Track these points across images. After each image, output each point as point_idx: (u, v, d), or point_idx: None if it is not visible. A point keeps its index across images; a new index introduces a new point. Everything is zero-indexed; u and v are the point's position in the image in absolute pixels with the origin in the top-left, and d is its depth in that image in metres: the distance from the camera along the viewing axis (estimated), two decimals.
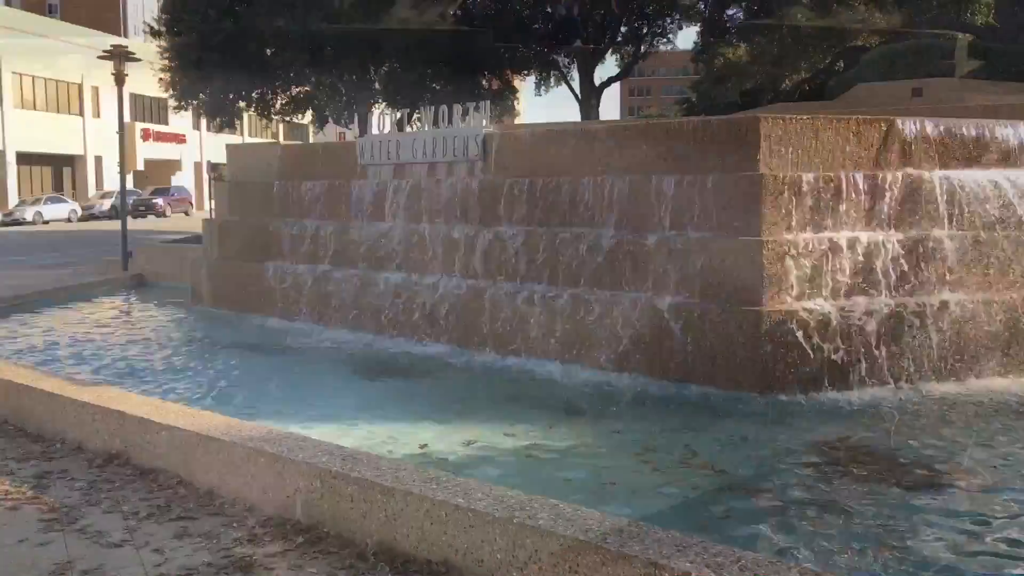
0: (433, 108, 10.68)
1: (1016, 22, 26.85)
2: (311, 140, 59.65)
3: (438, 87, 37.24)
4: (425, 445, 6.28)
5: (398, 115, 11.71)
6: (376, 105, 35.70)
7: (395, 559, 3.70)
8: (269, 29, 30.62)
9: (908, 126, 8.06)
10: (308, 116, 41.30)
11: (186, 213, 49.66)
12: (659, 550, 3.03)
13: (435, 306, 9.82)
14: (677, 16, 36.67)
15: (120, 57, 18.23)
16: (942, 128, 8.18)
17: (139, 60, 19.53)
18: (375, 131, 11.25)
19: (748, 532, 4.66)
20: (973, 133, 8.29)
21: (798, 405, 7.23)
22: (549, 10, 35.47)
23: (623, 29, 37.77)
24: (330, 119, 40.03)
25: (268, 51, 33.88)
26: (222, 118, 36.21)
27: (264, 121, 43.08)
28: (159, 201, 50.43)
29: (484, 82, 38.21)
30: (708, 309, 7.63)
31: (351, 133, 42.74)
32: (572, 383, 8.16)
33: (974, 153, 8.30)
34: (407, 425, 6.85)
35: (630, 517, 3.49)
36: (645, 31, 37.88)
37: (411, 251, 10.28)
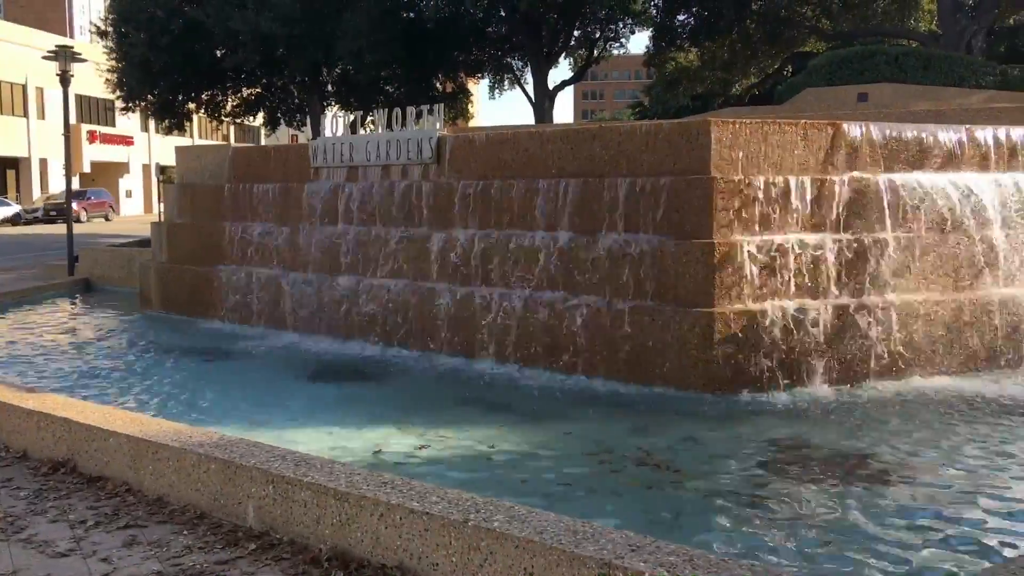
0: (387, 110, 10.63)
1: (957, 29, 27.53)
2: (263, 142, 59.03)
3: (392, 89, 37.10)
4: (379, 450, 6.25)
5: (351, 117, 11.63)
6: (329, 107, 35.46)
7: (349, 564, 3.68)
8: (219, 30, 30.23)
9: (854, 130, 8.23)
10: (260, 118, 40.84)
11: (106, 218, 47.79)
12: (613, 550, 3.06)
13: (389, 309, 9.78)
14: (629, 21, 36.97)
15: (65, 57, 17.86)
16: (887, 132, 8.36)
17: (85, 61, 19.14)
18: (328, 133, 11.14)
19: (702, 531, 4.72)
20: (917, 137, 8.49)
21: (749, 404, 7.33)
22: (503, 13, 35.53)
23: (576, 33, 37.99)
24: (282, 121, 39.65)
25: (218, 52, 33.46)
26: (171, 120, 35.66)
27: (214, 123, 42.51)
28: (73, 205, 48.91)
29: (438, 85, 38.16)
30: (660, 310, 7.71)
31: (304, 135, 42.37)
32: (526, 385, 8.18)
33: (918, 157, 8.50)
34: (361, 429, 6.81)
35: (585, 518, 3.50)
36: (598, 35, 38.13)
37: (365, 254, 10.22)
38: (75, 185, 45.90)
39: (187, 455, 4.44)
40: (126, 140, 60.34)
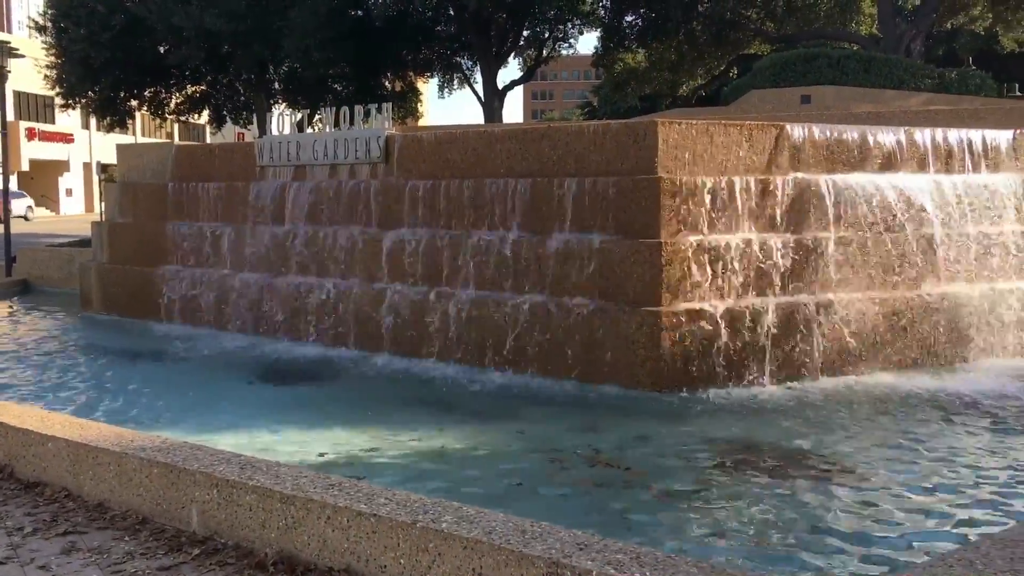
0: (334, 109, 10.54)
1: (897, 33, 28.17)
2: (208, 140, 58.11)
3: (340, 88, 36.80)
4: (327, 452, 6.19)
5: (299, 116, 11.51)
6: (276, 105, 35.03)
7: (296, 568, 3.63)
8: (162, 25, 29.68)
9: (797, 132, 8.37)
10: (205, 116, 40.21)
11: (25, 218, 46.06)
12: (561, 549, 3.06)
13: (337, 309, 9.69)
14: (578, 21, 37.17)
15: (2, 52, 17.37)
16: (829, 134, 8.52)
17: (23, 56, 18.65)
18: (275, 132, 11.01)
19: (651, 528, 4.76)
20: (858, 139, 8.66)
21: (696, 402, 7.41)
22: (452, 13, 35.45)
23: (525, 33, 38.06)
24: (228, 119, 39.08)
25: (161, 48, 32.85)
26: (112, 117, 34.93)
27: (158, 120, 41.74)
28: None
29: (387, 83, 37.94)
30: (609, 309, 7.76)
31: (251, 134, 41.82)
32: (476, 385, 8.17)
33: (858, 158, 8.67)
34: (309, 431, 6.74)
35: (535, 517, 3.51)
36: (547, 35, 38.26)
37: (312, 254, 10.12)
38: (12, 186, 44.57)
39: (128, 459, 4.35)
40: (66, 138, 58.90)
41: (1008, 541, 3.16)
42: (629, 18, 35.41)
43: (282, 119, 11.02)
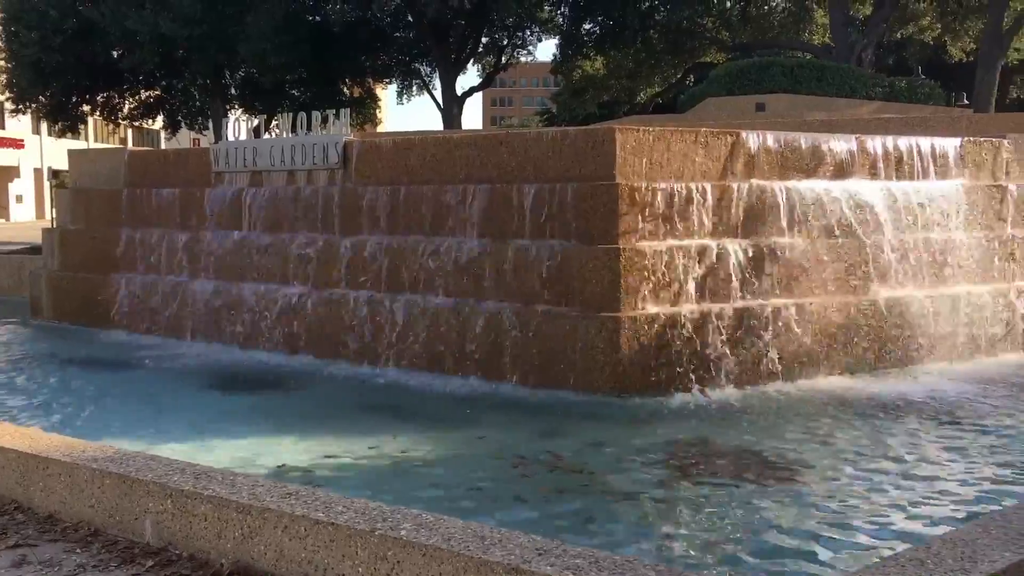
0: (292, 115, 10.46)
1: (849, 42, 28.71)
2: (163, 146, 57.34)
3: (298, 94, 36.57)
4: (285, 462, 6.12)
5: (255, 122, 11.42)
6: (232, 111, 34.70)
7: None
8: (115, 30, 29.26)
9: (752, 139, 8.48)
10: (159, 121, 39.69)
11: None
12: (520, 555, 3.06)
13: (295, 317, 9.61)
14: (536, 28, 37.35)
15: None
16: (783, 141, 8.65)
17: None
18: (231, 137, 10.90)
19: (610, 533, 4.78)
20: (811, 146, 8.80)
21: (655, 407, 7.46)
22: (410, 19, 35.40)
23: (484, 40, 38.14)
24: (183, 124, 38.61)
25: (115, 53, 32.38)
26: (64, 122, 34.36)
27: (111, 126, 41.11)
28: None
29: (345, 89, 37.79)
30: (568, 315, 7.79)
31: (206, 139, 41.36)
32: (436, 391, 8.15)
33: (812, 165, 8.81)
34: (267, 440, 6.67)
35: (495, 523, 3.51)
36: (506, 42, 38.38)
37: (270, 260, 10.03)
38: None
39: (80, 470, 4.27)
40: (16, 143, 57.68)
41: (958, 541, 3.22)
42: (587, 26, 35.69)
43: (238, 124, 10.92)
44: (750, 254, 8.14)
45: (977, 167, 9.81)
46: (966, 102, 29.90)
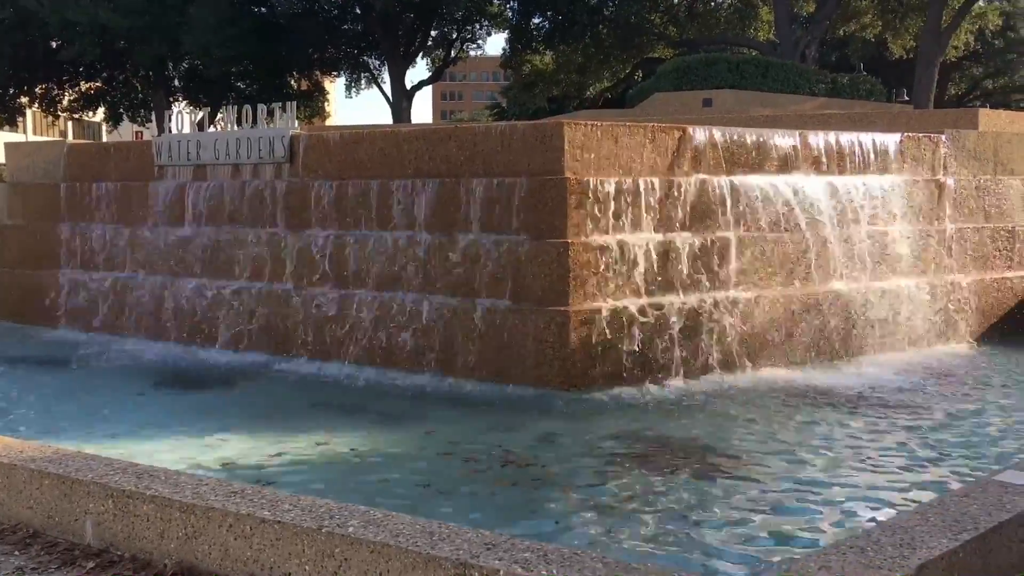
0: (237, 108, 10.30)
1: (793, 39, 29.15)
2: (104, 139, 56.10)
3: (244, 86, 36.04)
4: (232, 460, 6.04)
5: (200, 115, 11.22)
6: (176, 103, 34.10)
7: None
8: (54, 20, 28.53)
9: (699, 134, 8.56)
10: (100, 114, 38.85)
11: None
12: (469, 550, 3.06)
13: (242, 314, 9.47)
14: (486, 22, 37.30)
15: None
16: (729, 136, 8.75)
17: None
18: (174, 130, 10.70)
19: (559, 526, 4.80)
20: (756, 141, 8.92)
21: (605, 401, 7.51)
22: (358, 11, 35.10)
23: (433, 33, 37.97)
24: (125, 117, 37.83)
25: (54, 43, 31.59)
26: (1, 114, 33.40)
27: (50, 118, 40.14)
28: None
29: (292, 82, 37.33)
30: (517, 310, 7.80)
31: (149, 132, 40.59)
32: (386, 387, 8.11)
33: (757, 159, 8.93)
34: (212, 438, 6.57)
35: (445, 518, 3.50)
36: (455, 36, 38.27)
37: (215, 256, 9.87)
38: None
39: (18, 471, 4.16)
40: None
41: (897, 528, 3.30)
42: (536, 20, 35.75)
43: (181, 117, 10.71)
44: (697, 248, 8.23)
45: (916, 162, 10.04)
46: (906, 98, 30.61)
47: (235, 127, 10.12)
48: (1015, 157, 11.10)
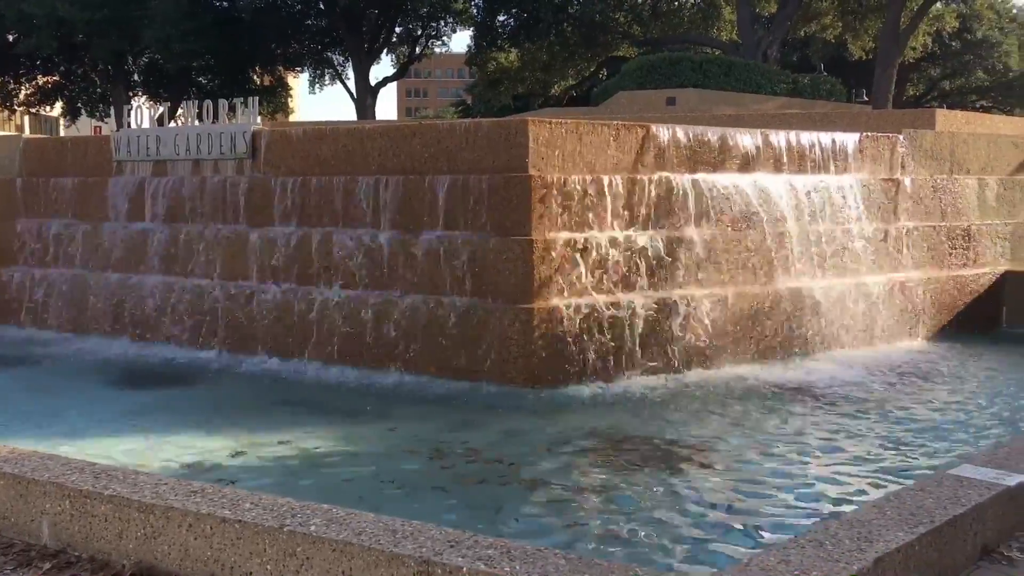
0: (198, 103, 10.17)
1: (755, 39, 29.44)
2: (62, 133, 55.15)
3: (205, 81, 35.62)
4: (192, 459, 5.97)
5: (160, 109, 11.06)
6: (136, 98, 33.62)
7: None
8: (10, 12, 27.97)
9: (662, 133, 8.62)
10: (58, 108, 38.22)
11: None
12: (432, 547, 3.05)
13: (203, 311, 9.37)
14: (451, 19, 37.20)
15: None
16: (691, 135, 8.81)
17: None
18: (133, 125, 10.56)
19: (523, 523, 4.81)
20: (718, 140, 8.99)
21: (569, 397, 7.53)
22: (322, 7, 34.84)
23: (398, 30, 37.79)
24: (83, 112, 37.24)
25: (10, 36, 30.98)
26: None
27: (6, 112, 39.38)
28: None
29: (255, 77, 36.98)
30: (482, 307, 7.79)
31: (107, 127, 39.95)
32: (348, 385, 8.07)
33: (719, 158, 9.01)
34: (172, 437, 6.49)
35: (408, 516, 3.49)
36: (420, 32, 38.13)
37: (175, 253, 9.75)
38: None
39: None
40: None
41: (855, 521, 3.35)
42: (501, 18, 35.75)
43: (140, 112, 10.56)
44: (660, 245, 8.28)
45: (875, 162, 10.20)
46: (865, 99, 31.06)
47: (196, 122, 10.01)
48: (971, 157, 11.32)
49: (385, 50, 38.41)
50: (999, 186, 11.60)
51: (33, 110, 38.06)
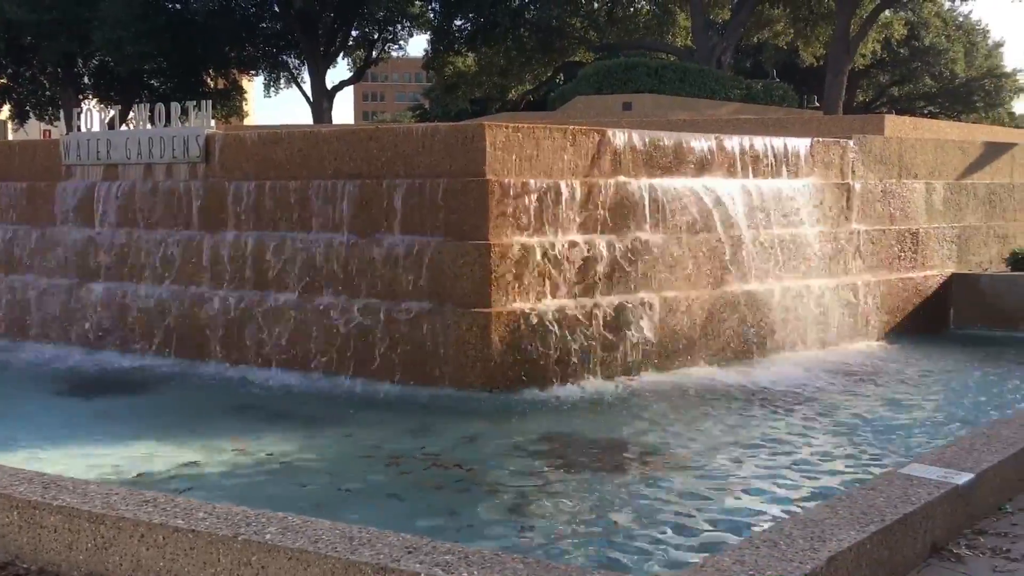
0: (150, 106, 10.01)
1: (709, 45, 29.76)
2: (9, 137, 53.95)
3: (158, 84, 35.08)
4: (144, 468, 5.87)
5: (111, 113, 10.87)
6: (86, 101, 33.03)
7: None
8: None
9: (618, 137, 8.68)
10: (6, 111, 37.39)
11: None
12: (389, 554, 3.04)
13: (154, 316, 9.21)
14: (407, 23, 37.06)
15: None
16: (647, 139, 8.88)
17: None
18: (83, 129, 10.36)
19: (482, 528, 4.80)
20: (674, 144, 9.08)
21: (527, 401, 7.54)
22: (277, 9, 34.52)
23: (354, 33, 37.58)
24: (32, 115, 36.48)
25: None
26: None
27: None
28: None
29: (209, 81, 36.51)
30: (439, 311, 7.77)
31: (57, 130, 39.18)
32: (304, 391, 7.99)
33: (674, 162, 9.10)
34: (125, 445, 6.38)
35: (367, 522, 3.46)
36: (376, 36, 37.92)
37: (126, 258, 9.58)
38: None
39: None
40: None
41: (808, 521, 3.40)
42: (458, 22, 35.68)
43: (90, 115, 10.36)
44: (616, 249, 8.33)
45: (826, 166, 10.37)
46: (817, 104, 31.55)
47: (148, 125, 9.85)
48: (918, 162, 11.56)
49: (341, 53, 38.18)
50: (946, 190, 11.87)
51: None
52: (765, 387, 8.13)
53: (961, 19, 47.12)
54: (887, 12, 34.22)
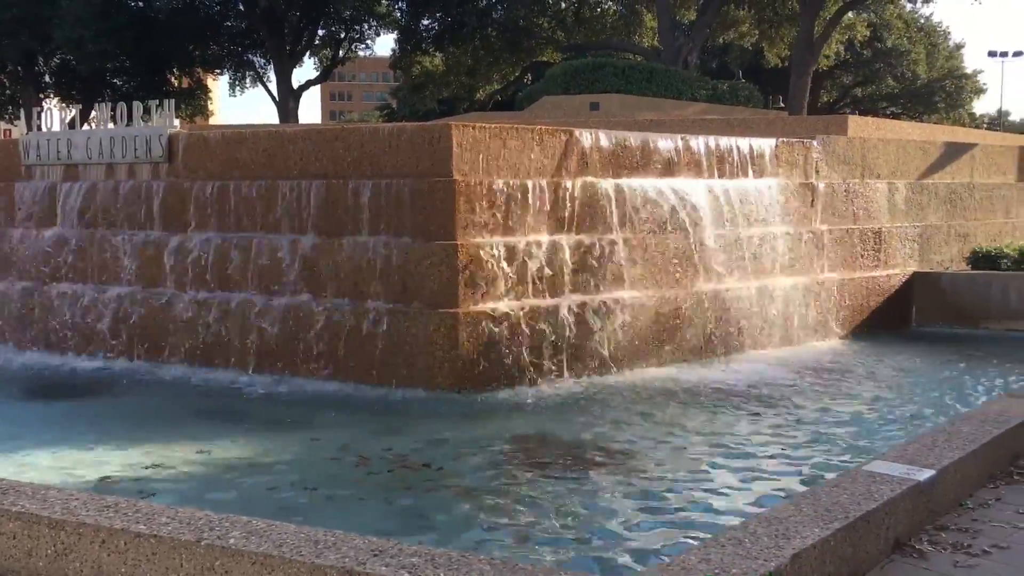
0: (112, 105, 9.87)
1: (676, 46, 29.96)
2: None
3: (121, 83, 34.63)
4: (106, 473, 5.78)
5: (72, 112, 10.69)
6: (47, 100, 32.51)
7: None
8: None
9: (585, 137, 8.70)
10: None
11: None
12: (355, 557, 3.01)
13: (116, 319, 9.08)
14: (375, 22, 36.91)
15: None
16: (614, 140, 8.92)
17: None
18: (43, 128, 10.19)
19: (450, 527, 4.79)
20: (640, 144, 9.11)
21: (495, 402, 7.53)
22: (242, 8, 34.21)
23: (321, 32, 37.35)
24: None
25: None
26: None
27: None
28: None
29: (173, 79, 36.10)
30: (407, 312, 7.74)
31: (17, 130, 38.52)
32: (270, 393, 7.93)
33: (641, 162, 9.13)
34: (86, 449, 6.28)
35: (333, 525, 3.44)
36: (343, 35, 37.73)
37: (87, 260, 9.44)
38: None
39: None
40: None
41: (773, 519, 3.43)
42: (426, 21, 35.60)
43: (51, 114, 10.20)
44: (583, 249, 8.35)
45: (790, 166, 10.47)
46: (782, 105, 31.87)
47: (109, 125, 9.71)
48: (881, 162, 11.72)
49: (308, 52, 37.93)
50: (908, 190, 12.04)
51: None
52: (731, 385, 8.19)
53: (922, 21, 47.89)
54: (850, 14, 34.68)
